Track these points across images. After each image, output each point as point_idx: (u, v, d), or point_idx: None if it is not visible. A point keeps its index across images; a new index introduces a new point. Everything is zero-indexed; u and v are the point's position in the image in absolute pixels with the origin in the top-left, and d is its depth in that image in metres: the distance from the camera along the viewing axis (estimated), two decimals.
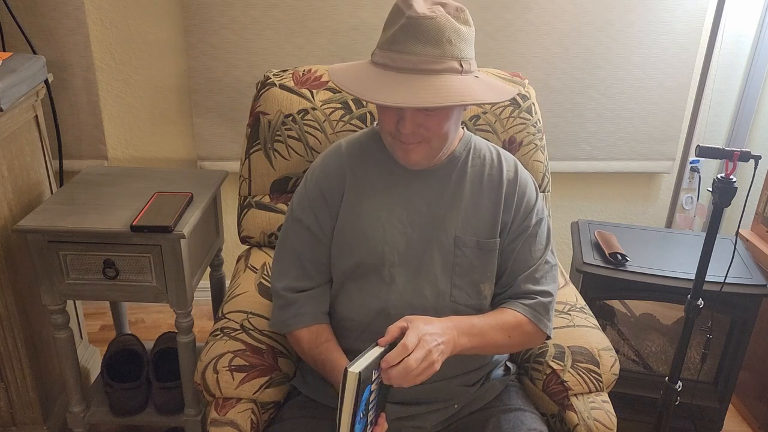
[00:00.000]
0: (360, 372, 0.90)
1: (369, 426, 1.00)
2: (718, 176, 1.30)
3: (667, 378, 1.45)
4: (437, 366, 0.99)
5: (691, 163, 2.28)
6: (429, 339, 0.98)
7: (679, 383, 1.45)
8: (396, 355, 0.95)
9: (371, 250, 1.16)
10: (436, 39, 0.99)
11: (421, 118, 1.04)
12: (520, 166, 1.23)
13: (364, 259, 1.16)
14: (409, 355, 0.95)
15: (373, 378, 0.96)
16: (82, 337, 1.92)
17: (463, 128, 1.24)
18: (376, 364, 0.95)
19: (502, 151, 1.24)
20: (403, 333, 0.98)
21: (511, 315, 1.15)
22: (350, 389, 0.90)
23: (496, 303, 1.22)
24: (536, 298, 1.17)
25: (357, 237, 1.16)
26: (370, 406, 0.99)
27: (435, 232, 1.16)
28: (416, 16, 0.99)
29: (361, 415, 0.95)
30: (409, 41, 0.99)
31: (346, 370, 0.90)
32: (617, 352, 1.50)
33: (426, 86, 0.98)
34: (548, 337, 1.20)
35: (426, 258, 1.16)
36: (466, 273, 1.17)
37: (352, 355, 1.10)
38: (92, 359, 1.94)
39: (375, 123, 1.25)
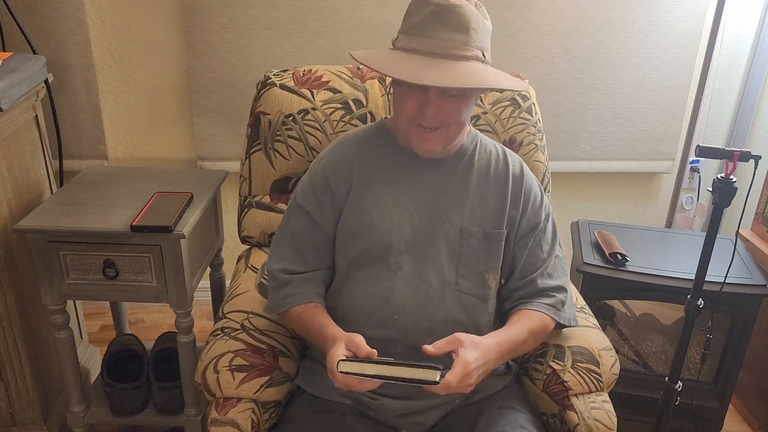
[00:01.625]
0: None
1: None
2: (718, 176, 1.30)
3: (667, 378, 1.45)
4: (473, 386, 1.04)
5: (691, 163, 2.28)
6: (473, 372, 1.02)
7: (679, 383, 1.45)
8: (440, 389, 1.00)
9: (378, 238, 1.17)
10: (463, 26, 1.04)
11: (444, 104, 1.07)
12: (525, 165, 1.26)
13: (371, 246, 1.18)
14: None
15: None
16: (82, 337, 1.92)
17: (470, 125, 1.27)
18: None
19: (507, 149, 1.27)
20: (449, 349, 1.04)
21: (539, 320, 1.19)
22: (356, 367, 0.98)
23: (512, 302, 1.24)
24: (554, 296, 1.22)
25: (364, 225, 1.18)
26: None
27: (441, 222, 1.18)
28: (445, 4, 1.04)
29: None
30: (439, 27, 1.04)
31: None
32: (617, 352, 1.50)
33: (454, 70, 1.03)
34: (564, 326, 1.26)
35: (432, 247, 1.18)
36: (471, 263, 1.19)
37: None
38: (92, 359, 1.94)
39: (384, 117, 1.26)
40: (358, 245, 1.19)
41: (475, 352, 1.03)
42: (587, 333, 1.33)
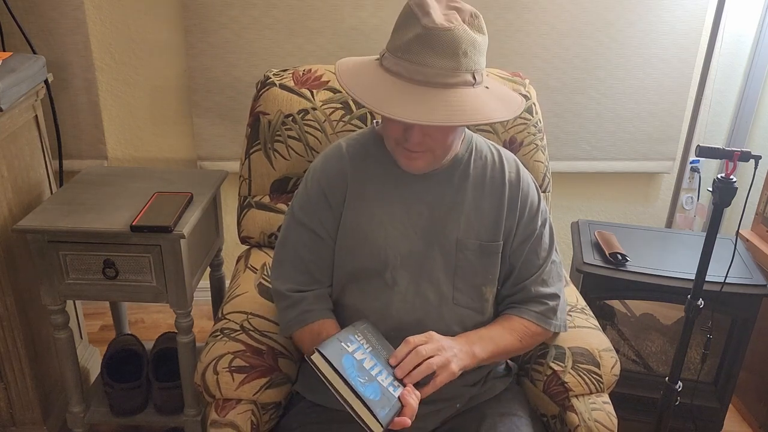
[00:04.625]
0: (318, 350, 0.96)
1: (392, 387, 1.01)
2: (718, 176, 1.30)
3: (667, 378, 1.45)
4: (454, 368, 1.04)
5: (691, 163, 2.28)
6: (444, 343, 1.06)
7: (679, 383, 1.44)
8: (403, 350, 1.03)
9: (373, 253, 1.16)
10: (452, 52, 0.97)
11: (430, 130, 1.04)
12: (521, 166, 1.23)
13: (366, 263, 1.16)
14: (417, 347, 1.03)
15: (351, 348, 1.02)
16: (82, 337, 1.92)
17: (464, 128, 1.23)
18: (346, 338, 1.03)
19: (503, 151, 1.24)
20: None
21: (520, 324, 1.19)
22: (324, 368, 0.96)
23: (504, 306, 1.23)
24: (546, 304, 1.21)
25: (359, 241, 1.16)
26: (373, 371, 1.01)
27: (436, 234, 1.16)
28: (433, 27, 0.96)
29: (362, 380, 0.98)
30: (425, 52, 0.97)
31: (310, 358, 0.97)
32: (617, 352, 1.50)
33: (440, 101, 0.97)
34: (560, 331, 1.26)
35: (428, 261, 1.16)
36: (468, 276, 1.17)
37: None
38: (92, 359, 1.94)
39: (375, 122, 1.24)
40: (353, 262, 1.17)
41: (425, 337, 1.06)
42: (588, 334, 1.33)
